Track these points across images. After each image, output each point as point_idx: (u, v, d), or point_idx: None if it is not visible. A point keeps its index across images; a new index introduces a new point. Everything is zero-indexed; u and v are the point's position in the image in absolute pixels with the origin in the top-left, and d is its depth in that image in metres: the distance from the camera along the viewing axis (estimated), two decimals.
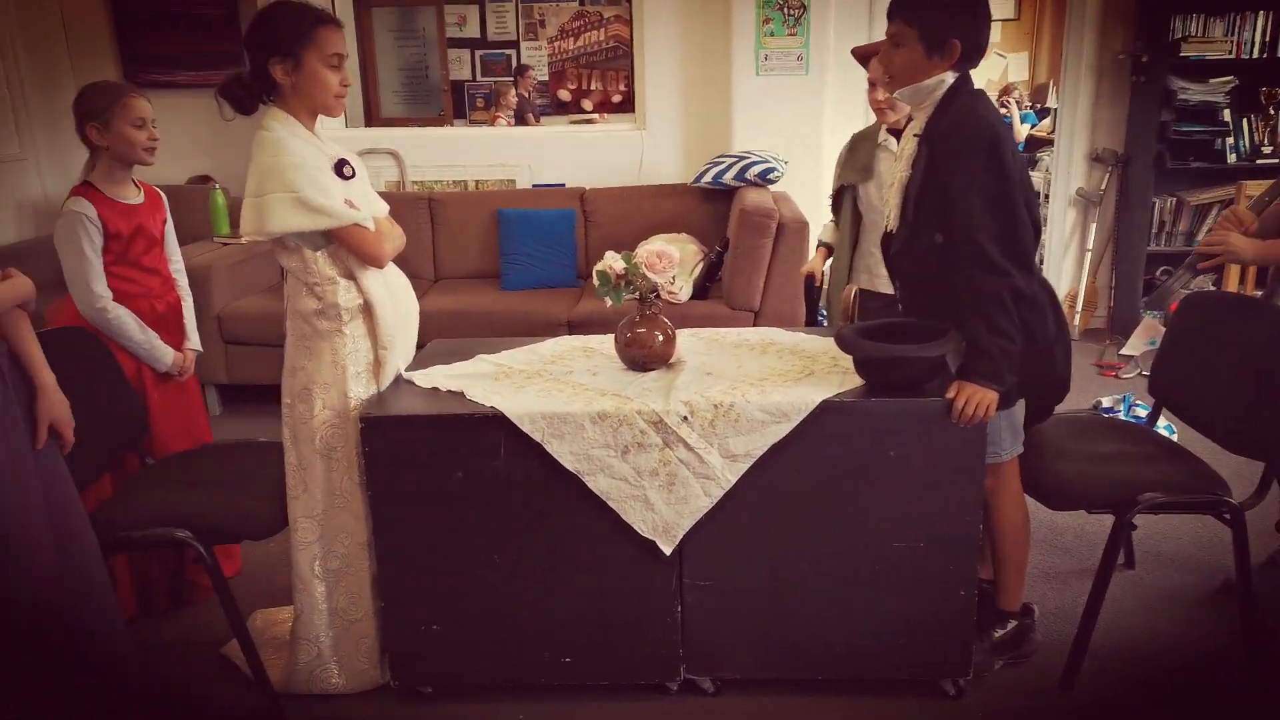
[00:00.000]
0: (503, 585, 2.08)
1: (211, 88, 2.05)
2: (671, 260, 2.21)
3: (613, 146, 5.00)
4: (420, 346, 2.36)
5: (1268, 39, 4.49)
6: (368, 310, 2.07)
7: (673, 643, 2.11)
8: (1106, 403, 3.66)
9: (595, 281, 2.22)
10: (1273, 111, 4.55)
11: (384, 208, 2.19)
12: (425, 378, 2.17)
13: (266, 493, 2.16)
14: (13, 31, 4.83)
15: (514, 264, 4.40)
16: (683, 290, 4.05)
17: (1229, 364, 2.20)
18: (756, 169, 4.26)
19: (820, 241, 3.01)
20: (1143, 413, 3.53)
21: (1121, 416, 3.51)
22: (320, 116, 2.07)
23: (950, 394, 1.94)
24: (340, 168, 2.05)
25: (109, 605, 1.87)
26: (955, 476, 1.98)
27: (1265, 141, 4.60)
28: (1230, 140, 4.59)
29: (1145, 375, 3.96)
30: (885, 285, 2.74)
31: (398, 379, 2.17)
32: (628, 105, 7.02)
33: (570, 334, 3.81)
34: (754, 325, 3.87)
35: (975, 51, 1.99)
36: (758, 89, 4.63)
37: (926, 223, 2.03)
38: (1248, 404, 2.11)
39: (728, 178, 4.33)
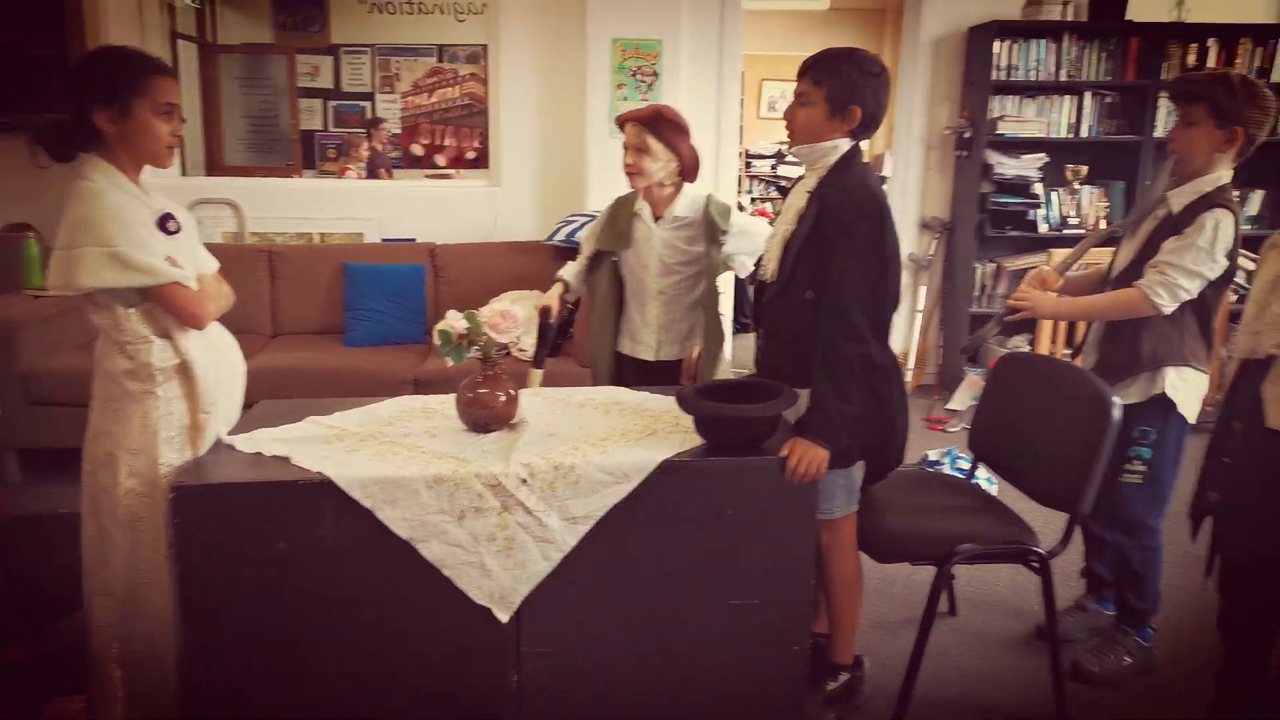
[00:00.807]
0: (326, 662, 1.96)
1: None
2: (515, 320, 2.19)
3: (467, 203, 4.98)
4: (251, 406, 2.25)
5: (1073, 120, 4.95)
6: (185, 371, 1.95)
7: (509, 714, 2.05)
8: (933, 456, 3.86)
9: (436, 341, 2.18)
10: (1077, 186, 4.99)
11: (213, 264, 2.09)
12: (248, 442, 2.05)
13: (60, 569, 1.98)
14: None
15: (359, 320, 4.28)
16: (533, 348, 4.03)
17: (1036, 422, 2.37)
18: None
19: (558, 277, 2.95)
20: (966, 465, 3.73)
21: (946, 469, 3.70)
22: (149, 168, 1.97)
23: (784, 452, 1.99)
24: (165, 222, 1.95)
25: None
26: (789, 534, 2.03)
27: (1072, 213, 5.04)
28: (1041, 211, 5.00)
29: (969, 429, 4.21)
30: (645, 351, 2.76)
31: (217, 444, 2.05)
32: (482, 162, 7.02)
33: (416, 392, 3.71)
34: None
35: (872, 122, 2.11)
36: (612, 149, 4.70)
37: (802, 278, 2.11)
38: (1052, 459, 2.26)
39: (581, 236, 4.36)
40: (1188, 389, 2.37)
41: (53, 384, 3.71)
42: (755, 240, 2.66)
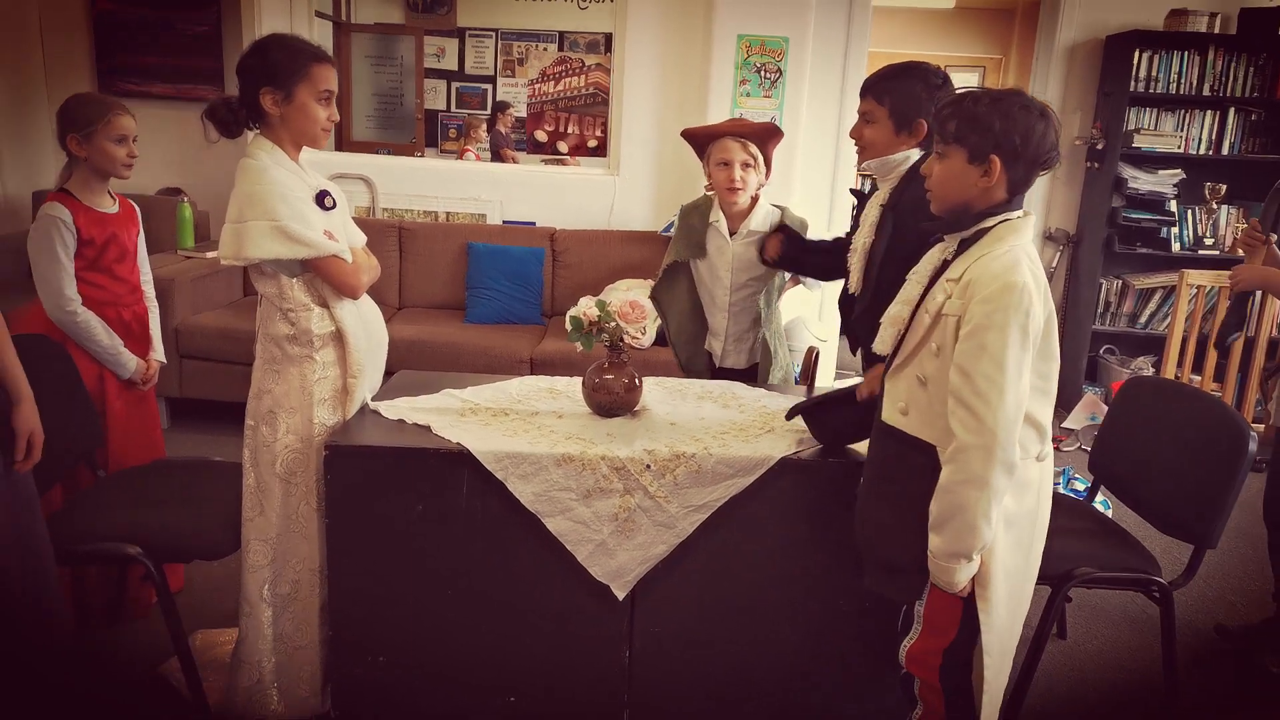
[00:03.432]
0: (453, 621, 2.08)
1: (190, 102, 2.07)
2: (644, 311, 2.27)
3: (585, 189, 5.07)
4: (387, 375, 2.38)
5: (1213, 137, 4.75)
6: (339, 338, 2.09)
7: (619, 688, 2.13)
8: None
9: (568, 325, 2.26)
10: (1215, 206, 4.79)
11: (362, 239, 2.22)
12: (391, 409, 2.19)
13: (220, 513, 2.15)
14: None
15: (480, 298, 4.43)
16: (646, 335, 4.11)
17: (1165, 448, 2.31)
18: None
19: None
20: (1080, 486, 3.65)
21: (1060, 489, 3.62)
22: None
23: None
24: (322, 198, 2.07)
25: (63, 619, 1.84)
26: None
27: (1207, 233, 4.83)
28: (1175, 230, 4.81)
29: (1085, 450, 4.10)
30: (731, 360, 2.79)
31: (363, 408, 2.18)
32: (602, 150, 7.12)
33: (532, 372, 3.84)
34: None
35: None
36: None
37: (888, 289, 2.11)
38: (1180, 488, 2.21)
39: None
40: None
41: (201, 340, 3.98)
42: None
